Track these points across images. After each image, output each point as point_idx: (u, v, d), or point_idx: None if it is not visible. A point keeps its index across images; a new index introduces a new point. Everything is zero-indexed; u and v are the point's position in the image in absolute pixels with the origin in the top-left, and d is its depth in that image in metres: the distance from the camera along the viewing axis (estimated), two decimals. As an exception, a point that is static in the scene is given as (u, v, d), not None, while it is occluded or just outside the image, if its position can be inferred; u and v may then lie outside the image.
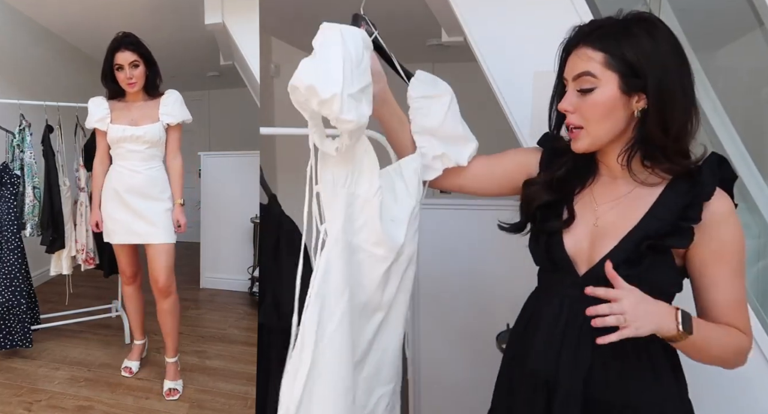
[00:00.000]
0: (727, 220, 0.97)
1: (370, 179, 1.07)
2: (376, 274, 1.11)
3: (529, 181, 1.13)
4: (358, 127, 0.93)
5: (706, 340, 0.95)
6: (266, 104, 3.79)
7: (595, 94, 0.97)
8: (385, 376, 1.21)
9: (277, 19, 3.06)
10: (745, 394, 1.44)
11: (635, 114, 0.97)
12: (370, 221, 1.08)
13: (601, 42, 0.96)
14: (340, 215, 1.05)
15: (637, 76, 0.94)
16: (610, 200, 1.05)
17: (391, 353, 1.20)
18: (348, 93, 0.89)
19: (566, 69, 1.03)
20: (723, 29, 2.01)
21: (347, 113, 0.90)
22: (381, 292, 1.14)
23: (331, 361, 1.06)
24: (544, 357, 1.06)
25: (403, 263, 1.15)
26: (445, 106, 1.15)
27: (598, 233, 1.04)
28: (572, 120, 1.01)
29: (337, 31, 0.94)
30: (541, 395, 1.06)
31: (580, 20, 1.42)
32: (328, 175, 1.05)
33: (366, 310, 1.14)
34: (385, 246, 1.09)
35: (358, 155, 1.06)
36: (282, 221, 1.55)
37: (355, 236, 1.09)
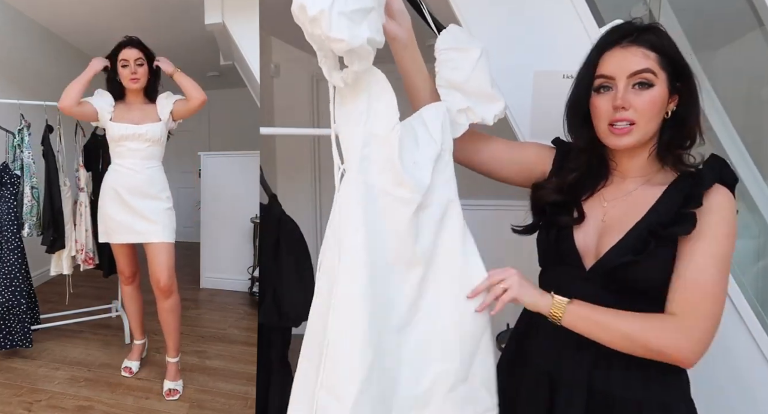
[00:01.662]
0: (723, 210, 0.97)
1: (386, 115, 1.02)
2: (401, 219, 1.01)
3: (539, 184, 1.14)
4: (350, 48, 0.89)
5: (591, 310, 0.98)
6: (266, 104, 3.79)
7: (653, 90, 1.00)
8: (439, 350, 1.05)
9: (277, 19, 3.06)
10: (745, 394, 1.44)
11: (667, 114, 1.02)
12: (390, 160, 1.01)
13: (651, 42, 1.00)
14: (357, 154, 1.01)
15: (678, 78, 1.00)
16: (617, 197, 1.08)
17: (441, 320, 1.05)
18: (338, 11, 0.86)
19: (609, 66, 1.02)
20: (723, 29, 2.01)
21: (337, 31, 0.86)
22: (412, 242, 1.03)
23: (348, 318, 0.97)
24: (547, 351, 1.07)
25: (435, 211, 1.05)
26: (474, 60, 1.11)
27: (605, 228, 1.06)
28: (628, 116, 1.01)
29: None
30: (543, 389, 1.07)
31: (580, 20, 1.43)
32: (343, 112, 1.03)
33: (398, 265, 1.02)
34: (407, 186, 1.01)
35: (374, 91, 1.02)
36: (282, 221, 1.55)
37: (377, 178, 1.02)
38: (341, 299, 0.98)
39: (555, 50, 1.45)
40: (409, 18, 1.08)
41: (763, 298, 1.66)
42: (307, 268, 1.58)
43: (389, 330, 1.01)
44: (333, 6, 0.85)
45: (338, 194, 1.02)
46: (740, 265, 1.52)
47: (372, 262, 0.98)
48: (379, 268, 1.00)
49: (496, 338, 1.93)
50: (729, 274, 0.98)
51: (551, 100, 1.43)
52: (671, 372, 1.01)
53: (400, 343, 1.03)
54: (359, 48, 0.90)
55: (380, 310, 1.00)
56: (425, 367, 1.05)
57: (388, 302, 1.01)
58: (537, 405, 1.08)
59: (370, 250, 0.98)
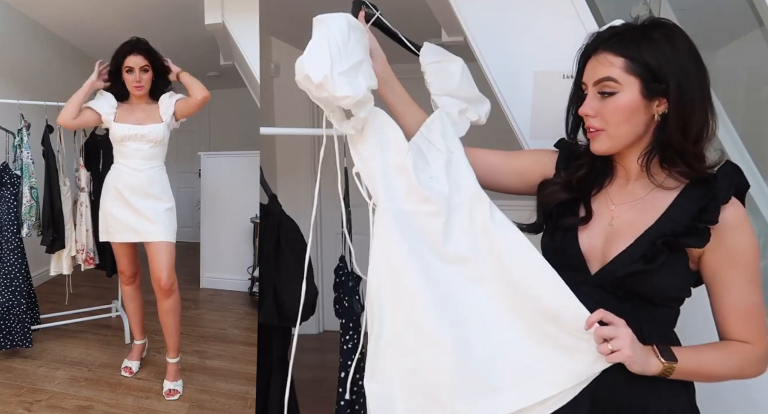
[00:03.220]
0: (741, 225, 0.98)
1: (395, 144, 1.11)
2: (435, 230, 1.09)
3: (548, 181, 1.14)
4: (356, 101, 0.99)
5: (696, 364, 0.97)
6: (266, 104, 3.79)
7: (616, 98, 0.98)
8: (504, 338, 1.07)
9: (277, 19, 3.06)
10: (745, 394, 1.44)
11: (655, 118, 0.99)
12: (410, 183, 1.10)
13: (621, 47, 0.98)
14: (380, 185, 1.10)
15: (659, 80, 0.96)
16: (627, 201, 1.06)
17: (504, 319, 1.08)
18: (338, 71, 0.96)
19: (585, 74, 1.04)
20: (723, 29, 2.01)
21: (341, 90, 0.96)
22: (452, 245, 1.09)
23: (420, 313, 1.04)
24: None
25: (464, 209, 1.10)
26: (460, 68, 1.23)
27: (613, 233, 1.04)
28: (593, 123, 1.02)
29: (318, 20, 1.02)
30: None
31: (580, 20, 1.43)
32: (359, 153, 1.12)
33: (451, 263, 1.08)
34: (432, 201, 1.09)
35: (379, 127, 1.11)
36: (282, 221, 1.55)
37: (403, 203, 1.10)
38: (404, 300, 1.06)
39: (555, 50, 1.45)
40: (383, 55, 1.19)
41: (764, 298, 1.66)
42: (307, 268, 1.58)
43: (464, 327, 1.06)
44: (333, 69, 0.96)
45: (374, 227, 1.11)
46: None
47: (422, 262, 1.06)
48: (431, 271, 1.07)
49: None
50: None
51: (551, 100, 1.43)
52: (678, 381, 1.00)
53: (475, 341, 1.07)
54: (362, 98, 1.00)
55: (454, 314, 1.06)
56: (498, 358, 1.06)
57: (457, 304, 1.07)
58: None
59: (417, 257, 1.06)
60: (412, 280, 1.05)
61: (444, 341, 1.03)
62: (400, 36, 1.27)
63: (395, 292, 1.08)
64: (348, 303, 1.49)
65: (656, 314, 1.00)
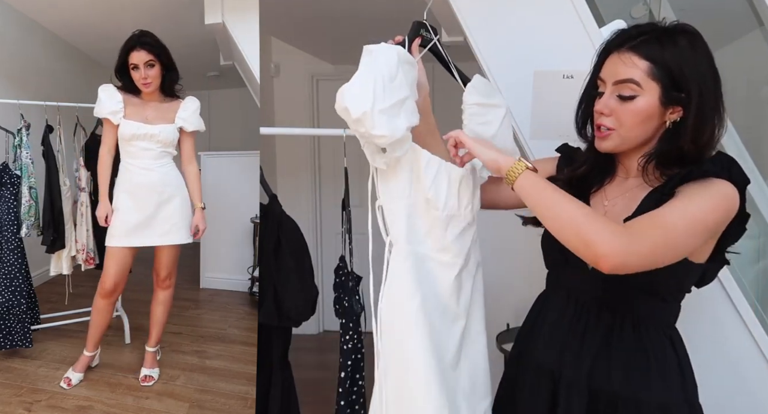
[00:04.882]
0: (711, 184, 0.94)
1: (426, 180, 1.10)
2: (447, 281, 1.12)
3: (550, 178, 1.14)
4: (392, 140, 0.98)
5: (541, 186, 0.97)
6: (266, 104, 3.79)
7: (635, 102, 0.97)
8: (481, 390, 1.20)
9: (277, 19, 3.06)
10: (745, 394, 1.44)
11: (667, 124, 0.98)
12: (432, 228, 1.11)
13: (647, 50, 0.96)
14: (403, 225, 1.09)
15: (679, 89, 0.95)
16: (618, 195, 1.08)
17: (481, 366, 1.19)
18: (379, 109, 0.95)
19: (605, 69, 1.03)
20: (723, 29, 2.01)
21: (379, 129, 0.95)
22: (456, 299, 1.14)
23: (417, 366, 1.07)
24: (550, 348, 1.08)
25: (471, 269, 1.17)
26: (500, 117, 1.19)
27: None
28: (605, 122, 1.02)
29: (368, 51, 1.00)
30: (545, 386, 1.07)
31: (580, 20, 1.43)
32: (388, 188, 1.10)
33: (446, 320, 1.13)
34: (451, 252, 1.12)
35: (413, 166, 1.09)
36: (282, 221, 1.55)
37: (420, 245, 1.11)
38: (411, 359, 1.08)
39: (555, 50, 1.45)
40: (427, 88, 1.16)
41: (763, 298, 1.66)
42: (307, 268, 1.58)
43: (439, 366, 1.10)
44: (374, 106, 0.94)
45: (389, 264, 1.11)
46: (740, 266, 1.52)
47: (429, 321, 1.08)
48: (434, 319, 1.10)
49: (496, 338, 1.94)
50: (698, 239, 0.91)
51: (551, 100, 1.43)
52: (672, 372, 1.01)
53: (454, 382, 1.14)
54: (400, 138, 0.99)
55: (440, 361, 1.10)
56: (475, 408, 1.17)
57: (442, 344, 1.12)
58: (539, 404, 1.08)
59: (425, 312, 1.08)
60: (417, 343, 1.07)
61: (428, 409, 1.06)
62: (452, 66, 1.23)
63: (398, 343, 1.10)
64: (348, 303, 1.49)
65: (655, 309, 0.99)
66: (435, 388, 1.06)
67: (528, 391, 1.12)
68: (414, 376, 1.07)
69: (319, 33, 3.31)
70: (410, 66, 1.04)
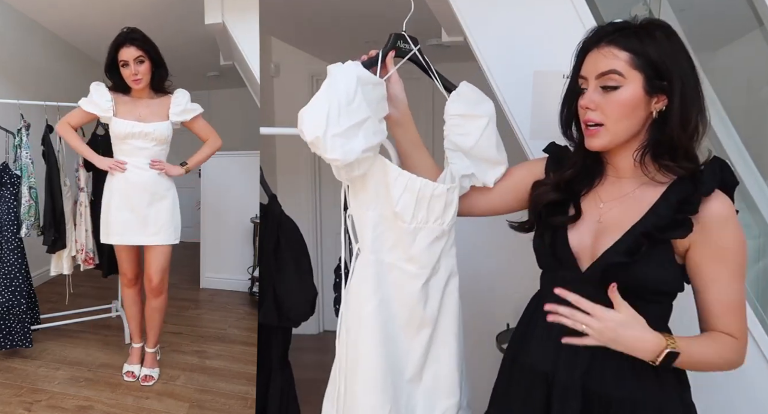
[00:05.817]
0: (727, 221, 0.98)
1: (394, 197, 1.11)
2: (412, 290, 1.14)
3: (539, 181, 1.15)
4: (345, 163, 1.00)
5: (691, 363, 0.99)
6: (266, 104, 3.79)
7: (619, 92, 0.98)
8: (444, 389, 1.21)
9: (277, 19, 3.06)
10: (745, 394, 1.44)
11: (653, 114, 0.99)
12: (399, 239, 1.13)
13: (626, 42, 0.98)
14: (369, 235, 1.13)
15: (661, 77, 0.97)
16: (614, 198, 1.07)
17: (446, 366, 1.21)
18: (333, 133, 0.96)
19: (585, 67, 1.03)
20: (723, 29, 2.01)
21: (331, 153, 0.97)
22: (422, 308, 1.15)
23: (365, 376, 1.12)
24: (543, 351, 1.08)
25: (441, 278, 1.17)
26: (481, 127, 1.18)
27: (601, 230, 1.05)
28: (593, 117, 1.02)
29: (330, 72, 1.01)
30: (539, 389, 1.07)
31: (580, 20, 1.43)
32: (357, 199, 1.13)
33: (410, 327, 1.16)
34: (417, 262, 1.14)
35: (381, 177, 1.10)
36: (282, 221, 1.55)
37: (387, 254, 1.14)
38: (359, 360, 1.13)
39: (555, 50, 1.45)
40: (405, 102, 1.17)
41: (763, 298, 1.66)
42: (307, 269, 1.58)
43: (403, 383, 1.16)
44: (327, 131, 0.96)
45: (354, 270, 1.16)
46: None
47: (382, 327, 1.13)
48: (390, 331, 1.14)
49: (496, 338, 1.94)
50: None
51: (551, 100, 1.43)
52: (669, 372, 1.01)
53: (412, 392, 1.18)
54: (353, 161, 1.01)
55: (394, 367, 1.15)
56: (434, 405, 1.20)
57: (400, 359, 1.16)
58: (533, 406, 1.08)
59: (381, 317, 1.13)
60: (367, 345, 1.12)
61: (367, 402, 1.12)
62: (435, 75, 1.23)
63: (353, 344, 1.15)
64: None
65: (648, 310, 1.00)
66: (378, 386, 1.11)
67: (522, 393, 1.11)
68: (362, 375, 1.12)
69: (319, 33, 3.31)
70: (373, 86, 1.04)
